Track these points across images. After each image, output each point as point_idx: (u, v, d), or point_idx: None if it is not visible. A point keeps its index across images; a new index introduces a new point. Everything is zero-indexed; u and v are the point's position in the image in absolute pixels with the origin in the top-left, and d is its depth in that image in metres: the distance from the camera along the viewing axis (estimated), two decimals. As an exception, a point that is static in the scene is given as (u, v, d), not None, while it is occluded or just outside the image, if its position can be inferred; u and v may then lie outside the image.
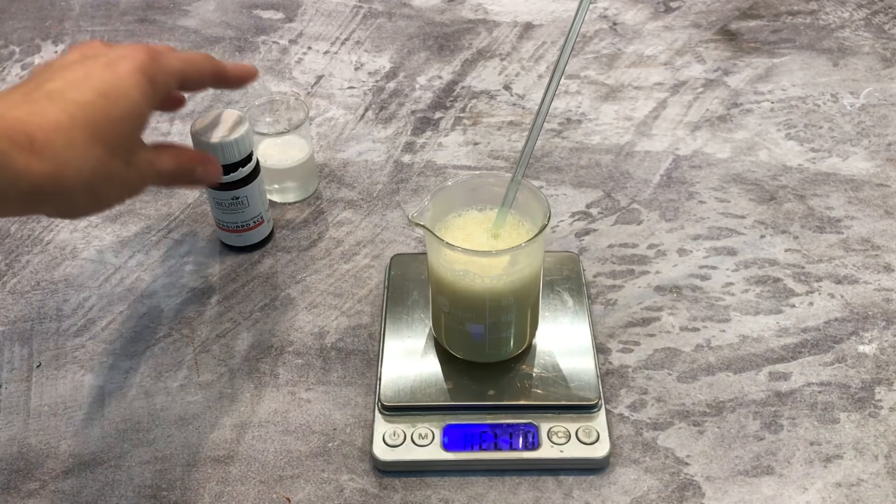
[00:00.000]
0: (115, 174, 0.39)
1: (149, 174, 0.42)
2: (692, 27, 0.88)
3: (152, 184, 0.43)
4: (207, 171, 0.47)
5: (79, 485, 0.51)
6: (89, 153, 0.37)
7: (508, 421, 0.52)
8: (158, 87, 0.42)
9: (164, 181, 0.44)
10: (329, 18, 0.91)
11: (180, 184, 0.47)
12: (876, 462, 0.51)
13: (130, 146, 0.40)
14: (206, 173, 0.46)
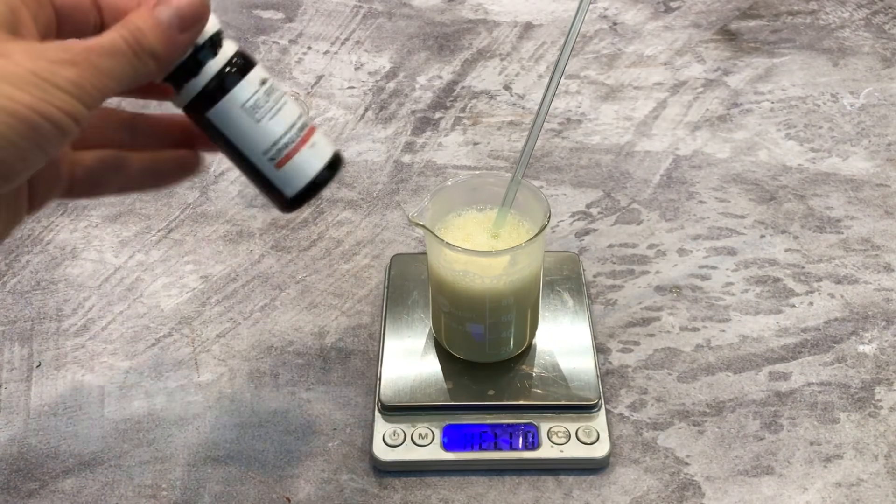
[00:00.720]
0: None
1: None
2: (692, 27, 0.88)
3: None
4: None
5: (79, 485, 0.51)
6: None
7: (508, 421, 0.52)
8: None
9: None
10: (329, 18, 0.91)
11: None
12: (876, 462, 0.51)
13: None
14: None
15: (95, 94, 0.31)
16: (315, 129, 0.40)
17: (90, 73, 0.31)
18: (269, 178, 0.39)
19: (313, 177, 0.40)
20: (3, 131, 0.28)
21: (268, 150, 0.38)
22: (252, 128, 0.38)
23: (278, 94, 0.39)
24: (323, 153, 0.40)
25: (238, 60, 0.38)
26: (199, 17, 0.35)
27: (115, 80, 0.32)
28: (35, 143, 0.30)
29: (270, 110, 0.38)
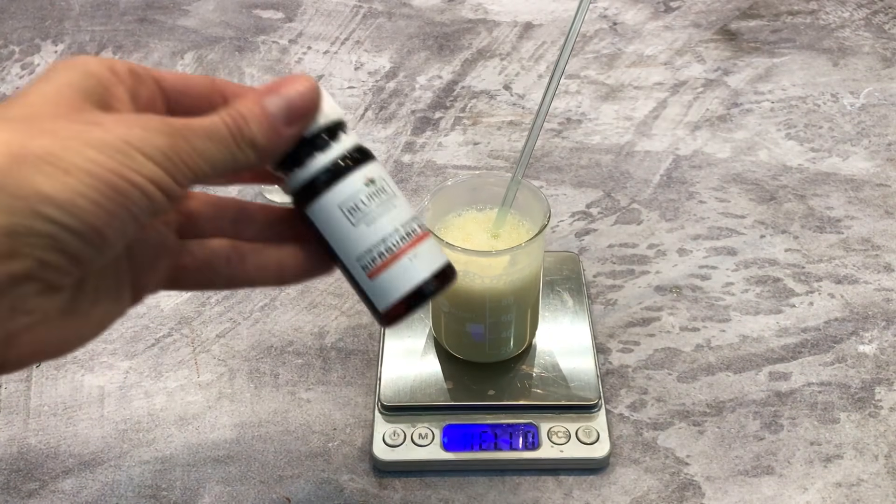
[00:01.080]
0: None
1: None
2: (692, 27, 0.88)
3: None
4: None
5: (78, 485, 0.51)
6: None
7: (508, 421, 0.52)
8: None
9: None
10: (329, 18, 0.91)
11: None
12: (876, 462, 0.51)
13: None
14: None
15: (186, 171, 0.31)
16: (423, 239, 0.36)
17: (182, 149, 0.30)
18: (362, 286, 0.36)
19: (405, 293, 0.36)
20: (86, 193, 0.28)
21: (361, 256, 0.36)
22: (348, 231, 0.35)
23: (385, 196, 0.36)
24: (423, 267, 0.36)
25: (347, 156, 0.35)
26: (308, 112, 0.34)
27: (209, 162, 0.31)
28: (122, 208, 0.29)
29: (370, 215, 0.35)
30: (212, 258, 0.37)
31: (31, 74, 0.84)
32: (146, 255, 0.35)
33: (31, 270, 0.28)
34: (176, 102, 0.36)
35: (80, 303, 0.32)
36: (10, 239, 0.27)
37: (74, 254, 0.28)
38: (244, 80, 0.83)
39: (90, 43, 0.88)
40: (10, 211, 0.27)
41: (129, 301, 0.35)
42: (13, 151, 0.27)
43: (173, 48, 0.87)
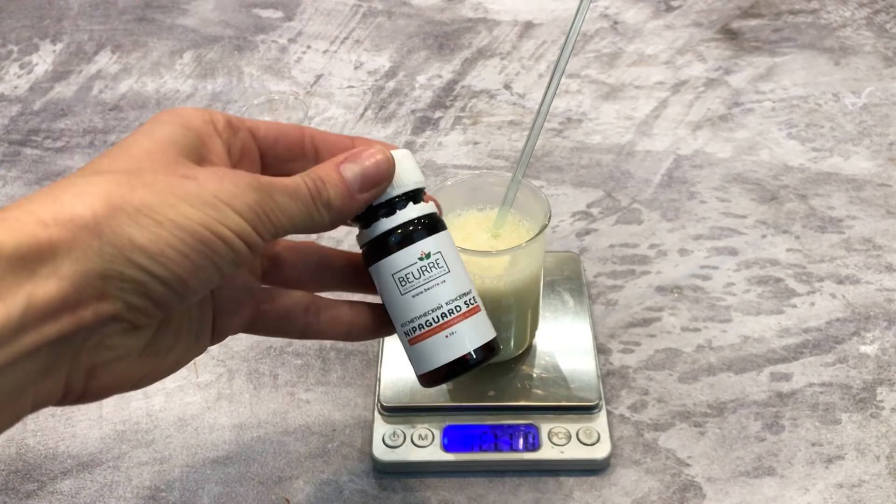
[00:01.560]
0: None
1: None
2: (693, 26, 0.88)
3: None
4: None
5: (77, 486, 0.51)
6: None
7: (509, 422, 0.52)
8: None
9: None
10: (328, 17, 0.91)
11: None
12: (878, 463, 0.51)
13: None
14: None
15: (269, 225, 0.33)
16: (466, 316, 0.39)
17: (268, 205, 0.33)
18: (405, 348, 0.40)
19: (439, 366, 0.39)
20: (175, 244, 0.30)
21: (405, 324, 0.39)
22: (397, 297, 0.38)
23: (437, 272, 0.38)
24: (459, 346, 0.38)
25: (409, 227, 0.38)
26: (380, 181, 0.37)
27: (289, 219, 0.34)
28: (207, 259, 0.31)
29: (418, 288, 0.38)
30: (291, 307, 0.40)
31: (30, 74, 0.84)
32: (231, 300, 0.38)
33: (119, 312, 0.30)
34: (269, 150, 0.39)
35: (160, 342, 0.35)
36: (102, 282, 0.29)
37: (159, 299, 0.31)
38: (243, 78, 0.82)
39: (89, 42, 0.88)
40: (105, 257, 0.29)
41: (208, 341, 0.38)
42: (114, 202, 0.30)
43: (172, 47, 0.87)
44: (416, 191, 0.38)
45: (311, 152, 0.39)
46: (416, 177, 0.38)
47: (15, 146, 0.76)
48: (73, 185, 0.30)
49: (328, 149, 0.39)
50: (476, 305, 0.39)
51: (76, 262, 0.29)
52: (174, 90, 0.82)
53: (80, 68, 0.85)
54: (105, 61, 0.85)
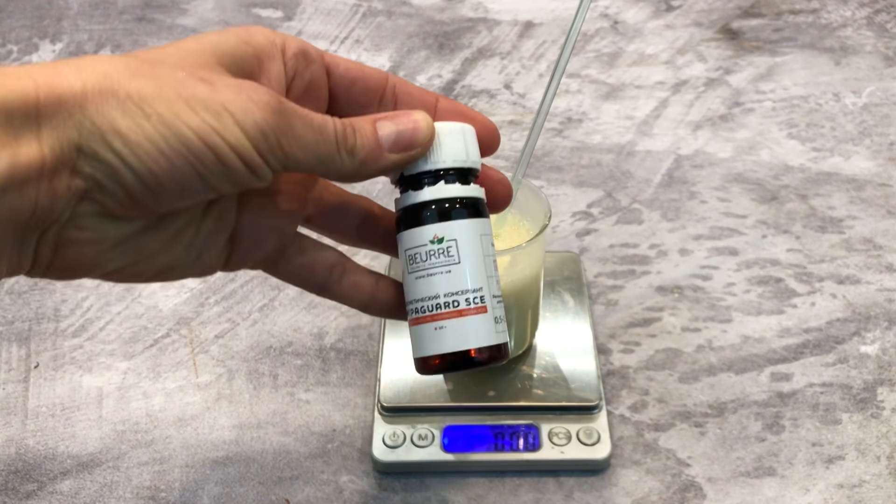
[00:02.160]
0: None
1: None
2: (693, 26, 0.88)
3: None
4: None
5: (77, 486, 0.51)
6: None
7: (509, 422, 0.52)
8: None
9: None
10: (328, 17, 0.91)
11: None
12: (878, 463, 0.51)
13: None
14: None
15: (278, 151, 0.31)
16: (461, 315, 0.36)
17: (281, 128, 0.31)
18: (409, 325, 0.38)
19: (424, 356, 0.37)
20: (155, 140, 0.29)
21: (409, 302, 0.37)
22: (405, 274, 0.37)
23: (445, 259, 0.36)
24: (445, 343, 0.36)
25: (431, 208, 0.36)
26: (413, 146, 0.35)
27: (304, 151, 0.32)
28: (190, 166, 0.30)
29: (421, 271, 0.36)
30: (317, 260, 0.39)
31: (30, 73, 0.84)
32: (255, 231, 0.36)
33: (90, 190, 0.30)
34: (345, 91, 0.38)
35: (146, 242, 0.33)
36: (77, 155, 0.29)
37: (130, 190, 0.30)
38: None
39: (88, 42, 0.88)
40: (83, 132, 0.29)
41: (220, 265, 0.37)
42: (109, 83, 0.29)
43: (172, 47, 0.87)
44: (461, 170, 0.36)
45: (391, 102, 0.38)
46: (461, 155, 0.36)
47: (14, 146, 0.76)
48: (81, 59, 0.30)
49: (408, 101, 0.38)
50: (482, 306, 0.36)
51: (55, 128, 0.29)
52: (174, 90, 0.81)
53: (80, 68, 0.84)
54: (105, 61, 0.85)
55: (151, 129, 0.29)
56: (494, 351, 0.37)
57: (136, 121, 0.29)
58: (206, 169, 0.30)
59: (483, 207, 0.37)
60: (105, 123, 0.29)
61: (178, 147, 0.30)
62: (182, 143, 0.30)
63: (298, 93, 0.36)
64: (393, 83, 0.38)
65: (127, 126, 0.29)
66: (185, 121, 0.30)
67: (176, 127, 0.30)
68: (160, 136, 0.29)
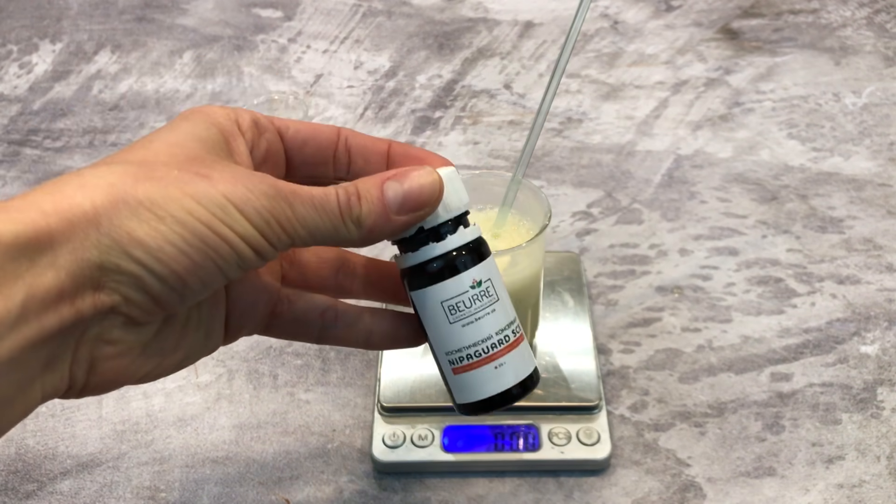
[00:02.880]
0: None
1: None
2: (693, 26, 0.88)
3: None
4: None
5: (77, 486, 0.51)
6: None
7: (509, 422, 0.52)
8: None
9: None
10: (328, 17, 0.91)
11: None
12: (878, 463, 0.51)
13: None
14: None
15: (282, 235, 0.32)
16: (514, 346, 0.37)
17: (283, 213, 0.32)
18: (446, 377, 0.38)
19: (484, 398, 0.37)
20: (174, 241, 0.30)
21: (451, 353, 0.37)
22: (443, 326, 0.36)
23: (488, 300, 0.36)
24: (506, 378, 0.37)
25: (460, 254, 0.36)
26: (424, 206, 0.34)
27: (308, 230, 0.32)
28: (208, 259, 0.31)
29: (469, 317, 0.36)
30: (307, 311, 0.39)
31: (29, 73, 0.84)
32: (246, 300, 0.37)
33: (117, 305, 0.30)
34: (297, 152, 0.38)
35: (165, 339, 0.34)
36: (99, 273, 0.29)
37: (157, 295, 0.30)
38: (243, 78, 0.82)
39: (88, 42, 0.88)
40: (103, 249, 0.29)
41: (220, 341, 0.37)
42: (117, 194, 0.29)
43: (172, 47, 0.87)
44: (464, 214, 0.37)
45: (344, 156, 0.38)
46: (464, 199, 0.36)
47: (14, 146, 0.76)
48: (80, 175, 0.30)
49: (361, 153, 0.38)
50: (521, 335, 0.38)
51: (73, 252, 0.28)
52: (174, 90, 0.81)
53: (80, 68, 0.85)
54: (105, 61, 0.85)
55: (168, 230, 0.29)
56: (537, 372, 0.39)
57: (151, 225, 0.29)
58: (222, 260, 0.31)
59: (486, 241, 0.38)
60: (123, 236, 0.29)
61: (195, 244, 0.30)
62: (199, 239, 0.30)
63: (258, 162, 0.36)
64: (344, 136, 0.38)
65: (145, 233, 0.29)
66: (197, 217, 0.30)
67: (191, 224, 0.30)
68: (178, 236, 0.30)
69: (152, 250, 0.29)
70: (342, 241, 0.34)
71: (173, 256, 0.30)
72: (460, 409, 0.39)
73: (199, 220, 0.30)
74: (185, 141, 0.33)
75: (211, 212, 0.30)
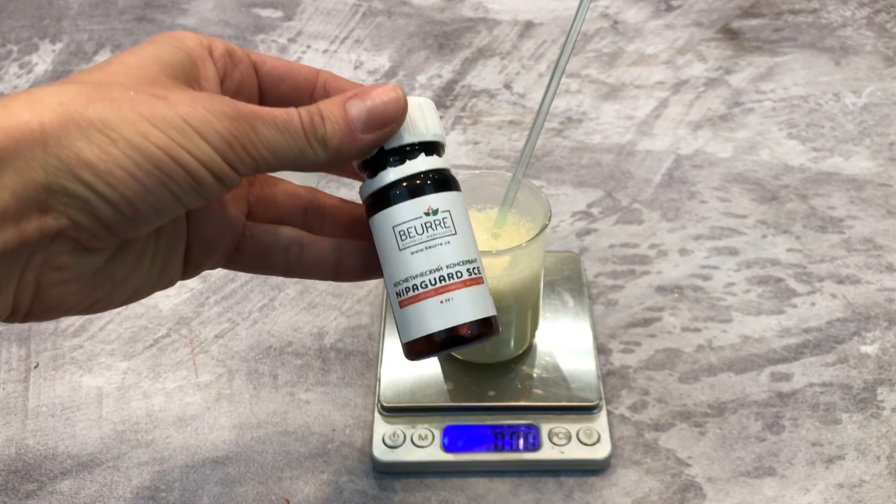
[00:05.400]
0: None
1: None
2: (693, 26, 0.88)
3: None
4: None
5: (77, 486, 0.51)
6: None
7: (509, 422, 0.52)
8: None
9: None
10: (328, 17, 0.91)
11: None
12: (878, 463, 0.51)
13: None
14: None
15: (246, 158, 0.30)
16: (468, 285, 0.35)
17: (245, 135, 0.30)
18: (394, 311, 0.36)
19: (426, 334, 0.35)
20: (125, 165, 0.28)
21: (398, 283, 0.35)
22: (394, 253, 0.35)
23: (441, 230, 0.34)
24: (454, 315, 0.34)
25: (419, 179, 0.35)
26: (387, 122, 0.33)
27: (273, 153, 0.31)
28: (161, 185, 0.29)
29: (419, 245, 0.34)
30: (271, 245, 0.37)
31: (30, 73, 0.84)
32: (208, 233, 0.35)
33: (64, 228, 0.29)
34: (273, 88, 0.36)
35: (117, 268, 0.32)
36: (46, 195, 0.28)
37: (106, 220, 0.29)
38: (243, 79, 0.82)
39: (88, 42, 0.88)
40: (49, 169, 0.27)
41: (179, 274, 0.36)
42: (67, 113, 0.28)
43: (172, 47, 0.87)
44: (432, 143, 0.35)
45: (322, 97, 0.36)
46: (434, 128, 0.35)
47: (14, 146, 0.76)
48: (30, 93, 0.28)
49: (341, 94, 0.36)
50: (479, 277, 0.35)
51: (18, 172, 0.27)
52: (174, 90, 0.81)
53: (80, 68, 0.84)
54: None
55: (120, 154, 0.28)
56: (496, 321, 0.36)
57: (102, 148, 0.28)
58: (177, 187, 0.29)
59: (455, 178, 0.37)
60: (71, 157, 0.28)
61: (149, 169, 0.29)
62: (153, 164, 0.29)
63: (230, 93, 0.35)
64: (324, 79, 0.37)
65: (95, 155, 0.28)
66: (152, 141, 0.28)
67: (145, 148, 0.28)
68: (130, 160, 0.28)
69: (101, 173, 0.28)
70: (308, 163, 0.32)
71: (124, 180, 0.28)
72: (405, 349, 0.36)
73: (154, 143, 0.28)
74: (146, 64, 0.31)
75: (168, 135, 0.29)
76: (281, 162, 0.32)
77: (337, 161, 0.33)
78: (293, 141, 0.31)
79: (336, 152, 0.33)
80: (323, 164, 0.33)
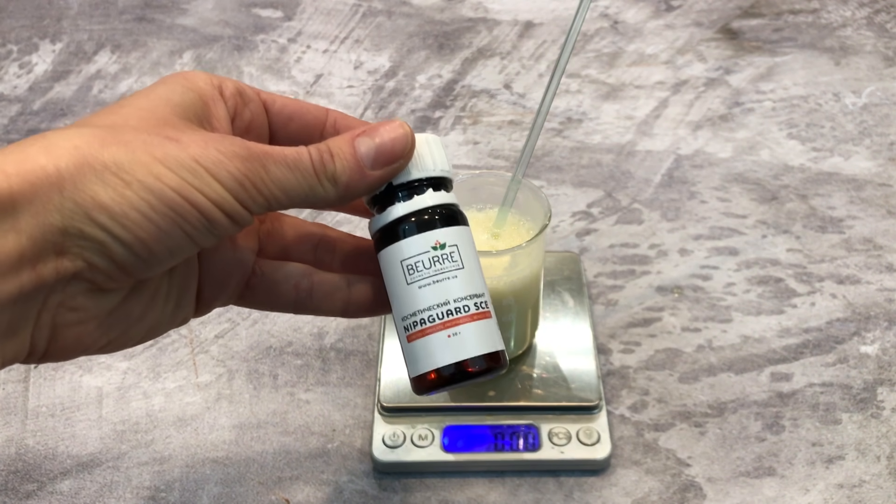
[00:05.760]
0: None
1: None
2: (693, 26, 0.88)
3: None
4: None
5: (77, 486, 0.51)
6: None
7: (509, 422, 0.52)
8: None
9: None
10: (328, 17, 0.91)
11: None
12: (878, 463, 0.51)
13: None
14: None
15: (258, 197, 0.31)
16: (475, 319, 0.35)
17: (257, 174, 0.31)
18: (402, 345, 0.36)
19: (432, 369, 0.35)
20: (140, 207, 0.29)
21: (406, 317, 0.35)
22: (402, 287, 0.35)
23: (449, 265, 0.35)
24: (461, 349, 0.34)
25: (426, 214, 0.35)
26: (396, 159, 0.34)
27: (284, 191, 0.32)
28: (177, 227, 0.30)
29: (426, 279, 0.35)
30: (282, 281, 0.38)
31: (29, 73, 0.84)
32: (219, 271, 0.36)
33: (80, 270, 0.29)
34: (283, 127, 0.37)
35: (131, 307, 0.33)
36: (62, 238, 0.28)
37: (122, 262, 0.29)
38: (242, 78, 0.82)
39: (88, 42, 0.88)
40: (66, 213, 0.28)
41: (192, 312, 0.36)
42: (82, 157, 0.28)
43: (172, 47, 0.87)
44: (440, 179, 0.36)
45: (332, 136, 0.36)
46: (441, 164, 0.35)
47: (14, 146, 0.76)
48: (45, 138, 0.29)
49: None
50: (487, 311, 0.36)
51: (35, 216, 0.28)
52: (174, 90, 0.81)
53: (80, 68, 0.85)
54: (105, 61, 0.85)
55: (134, 196, 0.29)
56: (504, 356, 0.36)
57: (117, 191, 0.28)
58: (191, 227, 0.30)
59: (462, 213, 0.37)
60: (87, 200, 0.28)
61: (163, 210, 0.29)
62: (167, 206, 0.29)
63: (240, 132, 0.36)
64: (333, 118, 0.38)
65: (110, 198, 0.28)
66: (166, 182, 0.29)
67: (159, 190, 0.29)
68: (145, 202, 0.29)
69: (117, 216, 0.28)
70: (319, 200, 0.33)
71: (138, 223, 0.29)
72: (413, 384, 0.36)
73: (167, 185, 0.29)
74: (158, 105, 0.32)
75: (181, 176, 0.29)
76: (292, 200, 0.32)
77: (347, 198, 0.34)
78: (304, 179, 0.32)
79: (346, 189, 0.33)
80: (333, 200, 0.33)
